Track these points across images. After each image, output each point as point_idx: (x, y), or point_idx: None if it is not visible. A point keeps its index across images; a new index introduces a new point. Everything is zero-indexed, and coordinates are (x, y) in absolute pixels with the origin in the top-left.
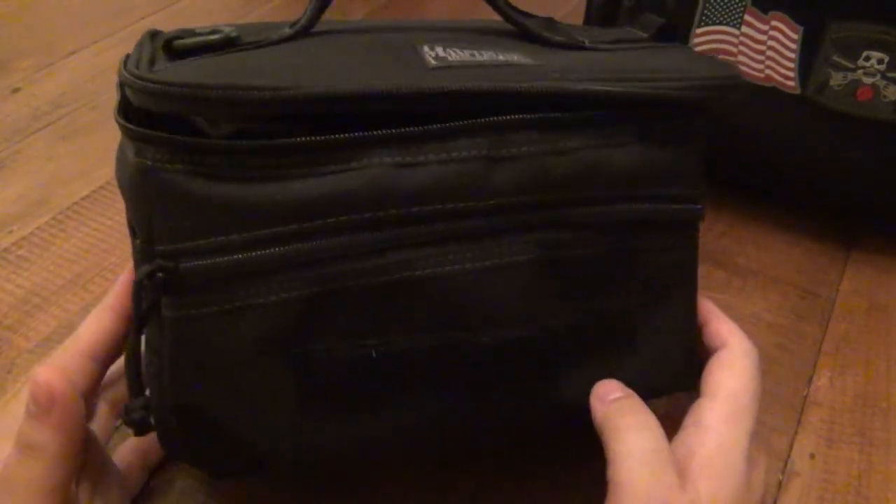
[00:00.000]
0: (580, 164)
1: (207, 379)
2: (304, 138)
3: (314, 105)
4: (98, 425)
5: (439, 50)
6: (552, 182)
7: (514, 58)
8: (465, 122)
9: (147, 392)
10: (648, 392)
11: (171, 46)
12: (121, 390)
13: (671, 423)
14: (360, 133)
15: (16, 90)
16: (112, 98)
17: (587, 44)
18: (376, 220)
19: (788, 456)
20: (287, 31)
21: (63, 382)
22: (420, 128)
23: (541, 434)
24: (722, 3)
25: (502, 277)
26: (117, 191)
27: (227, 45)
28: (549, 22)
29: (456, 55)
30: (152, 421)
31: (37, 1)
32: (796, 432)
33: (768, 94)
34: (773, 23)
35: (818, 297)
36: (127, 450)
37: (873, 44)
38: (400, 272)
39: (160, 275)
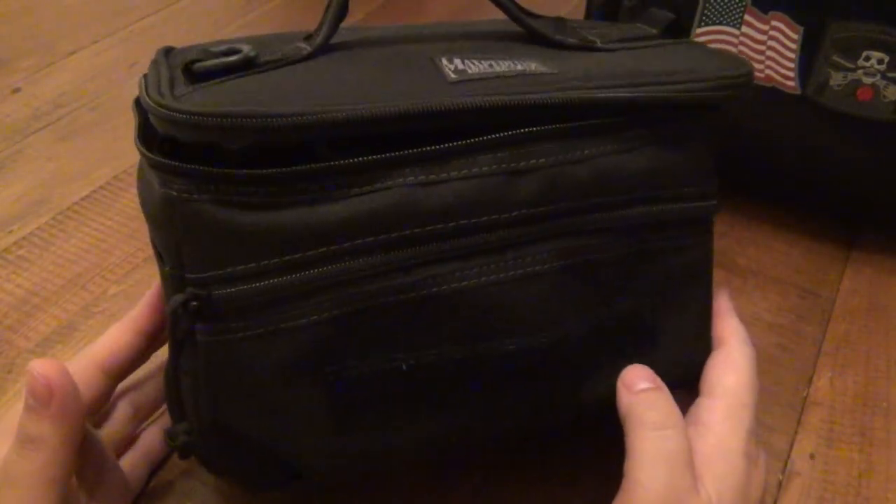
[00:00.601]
0: (598, 171)
1: (242, 399)
2: (329, 163)
3: (341, 129)
4: (114, 428)
5: (458, 62)
6: (571, 190)
7: (532, 66)
8: (488, 137)
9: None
10: (668, 385)
11: (190, 69)
12: (145, 393)
13: None
14: (385, 154)
15: (16, 90)
16: (112, 98)
17: (599, 44)
18: (402, 239)
19: (788, 456)
20: (304, 46)
21: (60, 375)
22: (443, 146)
23: (558, 432)
24: (722, 3)
25: (526, 287)
26: (117, 191)
27: (247, 65)
28: (559, 22)
29: (474, 67)
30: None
31: (37, 1)
32: (796, 432)
33: (768, 94)
34: (773, 23)
35: (818, 297)
36: (130, 450)
37: (873, 44)
38: (427, 288)
39: (194, 304)
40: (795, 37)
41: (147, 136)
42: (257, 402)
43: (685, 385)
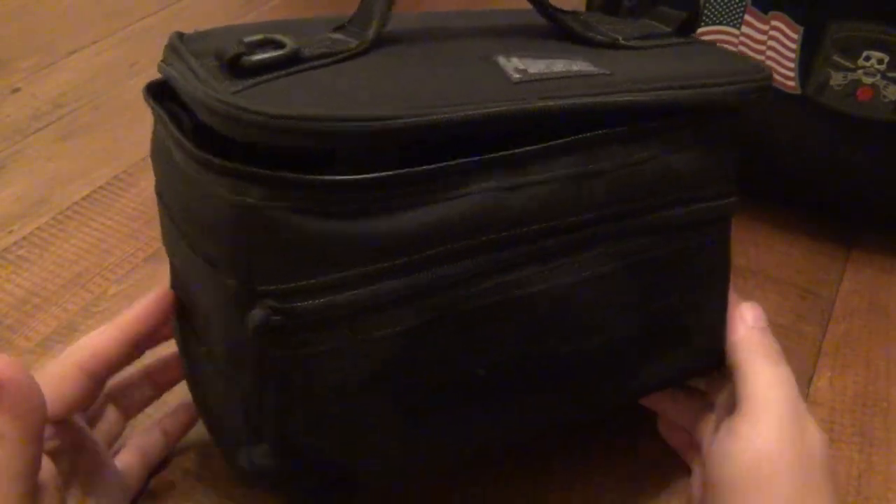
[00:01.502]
0: (654, 172)
1: (317, 414)
2: (417, 169)
3: (456, 129)
4: (105, 430)
5: (516, 61)
6: (632, 191)
7: (585, 66)
8: (564, 140)
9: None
10: (697, 373)
11: (238, 63)
12: (135, 398)
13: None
14: (466, 159)
15: (16, 90)
16: (112, 98)
17: (621, 41)
18: (485, 244)
19: None
20: (344, 39)
21: (12, 368)
22: (524, 150)
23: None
24: (722, 3)
25: (593, 287)
26: (117, 191)
27: (295, 60)
28: (577, 16)
29: (534, 66)
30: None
31: (37, 1)
32: None
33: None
34: (773, 23)
35: (818, 297)
36: (127, 450)
37: (873, 44)
38: (507, 292)
39: (276, 318)
40: (795, 37)
41: (195, 141)
42: (332, 413)
43: (710, 369)
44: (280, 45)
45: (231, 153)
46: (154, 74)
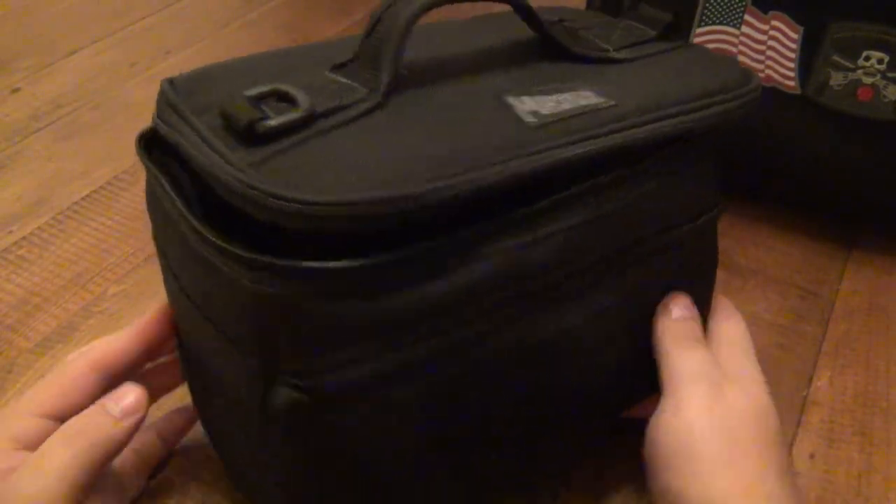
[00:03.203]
0: (654, 203)
1: (345, 481)
2: (431, 243)
3: (469, 196)
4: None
5: (528, 101)
6: (636, 225)
7: (591, 98)
8: (573, 191)
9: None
10: None
11: (252, 130)
12: (173, 424)
13: None
14: (482, 224)
15: (16, 90)
16: (112, 98)
17: (612, 51)
18: (503, 301)
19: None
20: (351, 85)
21: (146, 396)
22: (534, 207)
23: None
24: (722, 3)
25: (603, 322)
26: (117, 191)
27: (309, 120)
28: (561, 25)
29: (545, 106)
30: None
31: (37, 1)
32: (796, 432)
33: (768, 94)
34: (773, 22)
35: (818, 297)
36: (126, 452)
37: (873, 44)
38: (527, 338)
39: (305, 398)
40: (795, 37)
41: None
42: (360, 481)
43: None
44: (290, 100)
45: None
46: (154, 74)
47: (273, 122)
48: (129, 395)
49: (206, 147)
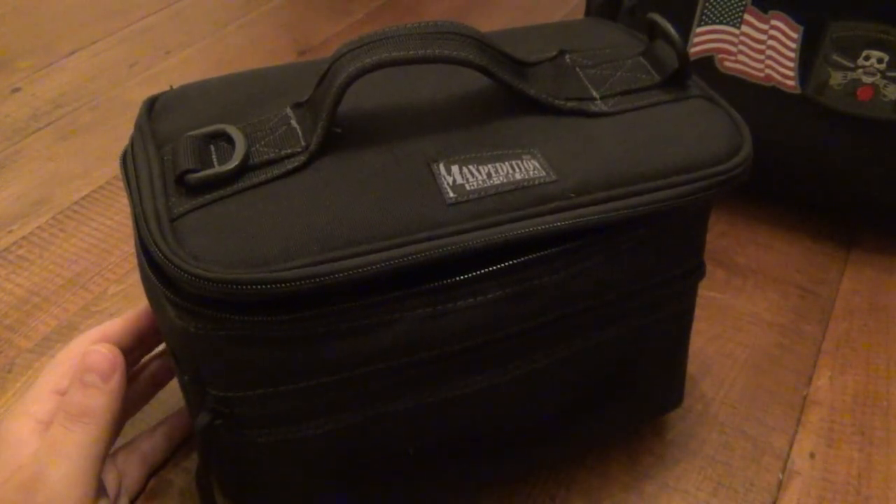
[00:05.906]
0: (596, 279)
1: (265, 489)
2: (339, 306)
3: (350, 284)
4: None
5: (455, 171)
6: (571, 301)
7: (530, 169)
8: (492, 269)
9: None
10: (646, 418)
11: (184, 180)
12: (174, 424)
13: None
14: (395, 293)
15: (16, 90)
16: (112, 98)
17: (598, 101)
18: (411, 364)
19: (788, 455)
20: (297, 147)
21: (119, 355)
22: (448, 281)
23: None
24: (722, 3)
25: (524, 382)
26: (117, 190)
27: (239, 174)
28: (560, 60)
29: (472, 179)
30: None
31: (37, 1)
32: (796, 432)
33: (768, 94)
34: (773, 22)
35: (818, 297)
36: (127, 451)
37: (873, 43)
38: (433, 397)
39: (218, 421)
40: (795, 36)
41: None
42: (277, 488)
43: (660, 413)
44: (231, 141)
45: None
46: (153, 74)
47: (202, 175)
48: (95, 357)
49: (147, 190)
